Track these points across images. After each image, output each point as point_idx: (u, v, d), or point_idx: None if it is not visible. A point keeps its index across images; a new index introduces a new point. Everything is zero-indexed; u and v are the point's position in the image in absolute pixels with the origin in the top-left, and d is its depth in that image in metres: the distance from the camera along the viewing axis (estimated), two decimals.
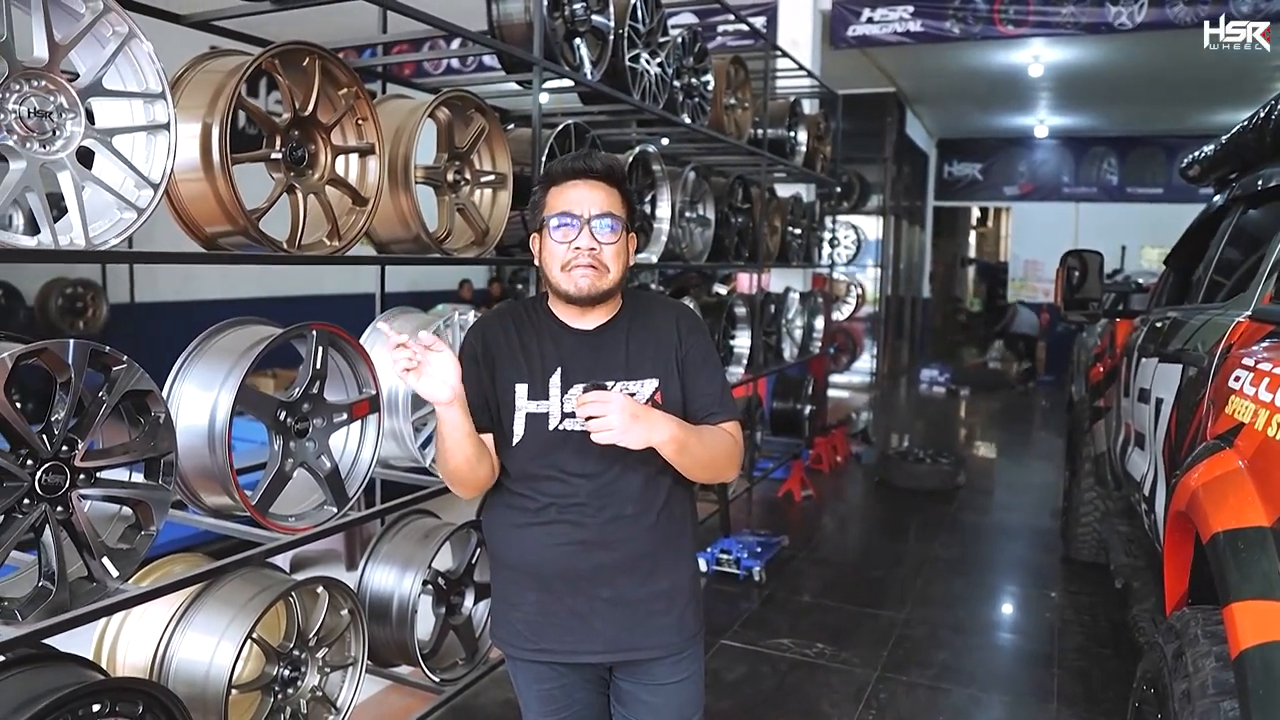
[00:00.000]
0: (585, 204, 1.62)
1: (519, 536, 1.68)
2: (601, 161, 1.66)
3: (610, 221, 1.62)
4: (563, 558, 1.64)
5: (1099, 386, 4.21)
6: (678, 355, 1.69)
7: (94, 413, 1.67)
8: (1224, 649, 1.45)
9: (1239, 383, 1.71)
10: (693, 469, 1.64)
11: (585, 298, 1.63)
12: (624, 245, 1.66)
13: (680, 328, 1.72)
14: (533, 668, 1.74)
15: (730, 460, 1.70)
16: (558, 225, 1.62)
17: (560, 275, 1.63)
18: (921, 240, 14.22)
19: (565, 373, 1.65)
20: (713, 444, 1.65)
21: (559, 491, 1.64)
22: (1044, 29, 6.41)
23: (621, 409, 1.47)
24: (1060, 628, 3.97)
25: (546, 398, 1.64)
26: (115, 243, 1.76)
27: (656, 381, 1.67)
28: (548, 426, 1.64)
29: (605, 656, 1.70)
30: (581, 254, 1.60)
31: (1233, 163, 2.85)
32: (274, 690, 2.21)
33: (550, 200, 1.65)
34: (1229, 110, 10.05)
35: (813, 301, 6.48)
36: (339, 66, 2.15)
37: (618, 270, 1.65)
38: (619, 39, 3.41)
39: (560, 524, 1.64)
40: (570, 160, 1.67)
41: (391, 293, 3.20)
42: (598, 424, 1.47)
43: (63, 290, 6.78)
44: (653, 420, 1.52)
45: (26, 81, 1.59)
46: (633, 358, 1.67)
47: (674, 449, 1.55)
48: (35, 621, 1.60)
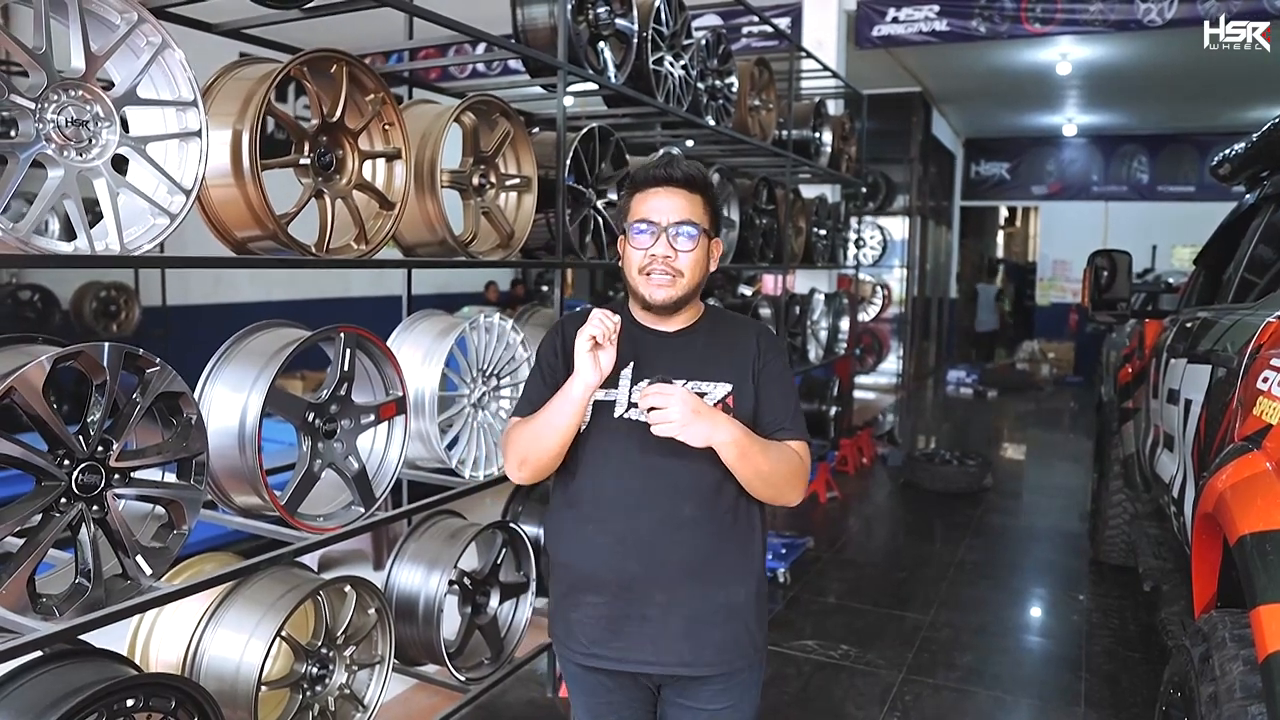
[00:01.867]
0: (665, 212, 1.63)
1: (576, 534, 1.68)
2: (683, 170, 1.66)
3: (689, 229, 1.63)
4: (616, 557, 1.63)
5: (1128, 387, 4.16)
6: (755, 367, 1.69)
7: (128, 414, 1.71)
8: (1251, 652, 1.44)
9: (1267, 384, 1.70)
10: (753, 480, 1.61)
11: (660, 306, 1.66)
12: (702, 253, 1.67)
13: (760, 343, 1.73)
14: (584, 677, 1.73)
15: (794, 479, 1.65)
16: (637, 232, 1.64)
17: (638, 280, 1.65)
18: (949, 240, 14.11)
19: (638, 366, 1.66)
20: (778, 458, 1.62)
21: (616, 486, 1.64)
22: (1072, 27, 6.34)
23: (684, 402, 1.48)
24: (1088, 631, 3.93)
25: (615, 386, 1.66)
26: (149, 248, 1.80)
27: (730, 386, 1.66)
28: (612, 414, 1.65)
29: (655, 668, 1.67)
30: (657, 261, 1.62)
31: (1264, 161, 2.81)
32: (302, 688, 2.24)
33: (633, 206, 1.67)
34: (1263, 107, 9.90)
35: (838, 302, 6.46)
36: (365, 73, 2.18)
37: (694, 278, 1.66)
38: (643, 42, 3.42)
39: (615, 521, 1.64)
40: (653, 168, 1.68)
41: (418, 295, 3.24)
42: (659, 415, 1.48)
43: (97, 294, 6.89)
44: (715, 420, 1.52)
45: (64, 91, 1.63)
46: (708, 361, 1.68)
47: (735, 452, 1.54)
48: (72, 618, 1.64)
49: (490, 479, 2.79)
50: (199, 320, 7.28)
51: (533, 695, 3.20)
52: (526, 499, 3.42)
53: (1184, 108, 11.11)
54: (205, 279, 7.60)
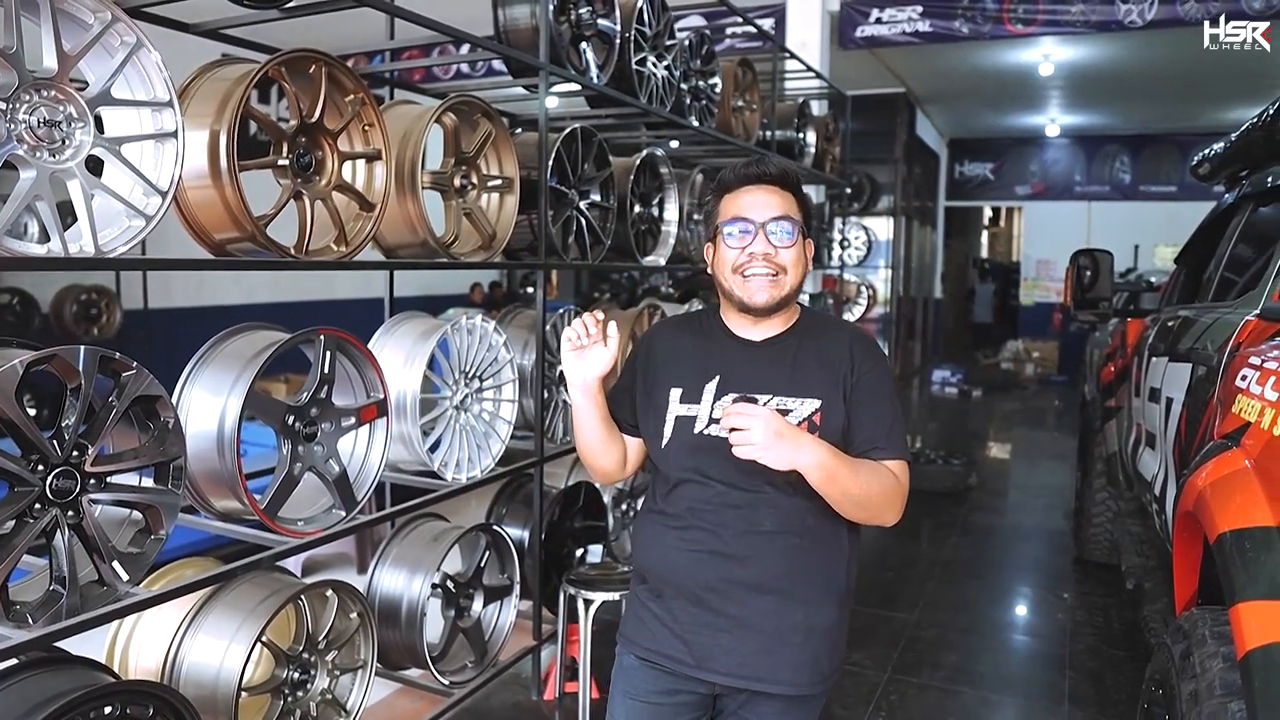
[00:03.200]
0: (761, 208, 1.58)
1: (658, 541, 1.65)
2: (775, 165, 1.62)
3: (788, 225, 1.57)
4: (694, 565, 1.58)
5: (1110, 386, 4.19)
6: (847, 381, 1.60)
7: (104, 418, 1.69)
8: (1231, 649, 1.44)
9: (1246, 381, 1.70)
10: (843, 503, 1.51)
11: (762, 309, 1.60)
12: (801, 250, 1.61)
13: (854, 352, 1.62)
14: (642, 671, 1.67)
15: (890, 501, 1.54)
16: (732, 231, 1.59)
17: (734, 280, 1.59)
18: (933, 241, 14.17)
19: (723, 380, 1.61)
20: (870, 480, 1.51)
21: (698, 497, 1.59)
22: (1054, 28, 6.37)
23: (766, 424, 1.39)
24: (1072, 629, 3.95)
25: (698, 402, 1.61)
26: (124, 250, 1.78)
27: (819, 403, 1.58)
28: (693, 430, 1.60)
29: (725, 679, 1.60)
30: (756, 259, 1.56)
31: (1242, 160, 2.83)
32: (284, 693, 2.23)
33: (724, 207, 1.62)
34: (1243, 107, 9.97)
35: (823, 303, 6.47)
36: (345, 73, 2.16)
37: (796, 276, 1.60)
38: (625, 42, 3.41)
39: (696, 530, 1.59)
40: (744, 166, 1.63)
41: (402, 296, 3.22)
42: (740, 437, 1.40)
43: (77, 297, 6.83)
44: (800, 442, 1.43)
45: (36, 91, 1.61)
46: (797, 374, 1.60)
47: (821, 476, 1.45)
48: (47, 625, 1.62)
49: (473, 481, 2.78)
50: (181, 323, 7.22)
51: (518, 698, 3.18)
52: (511, 501, 3.41)
53: (1165, 108, 11.19)
54: (188, 281, 7.55)
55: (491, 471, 2.88)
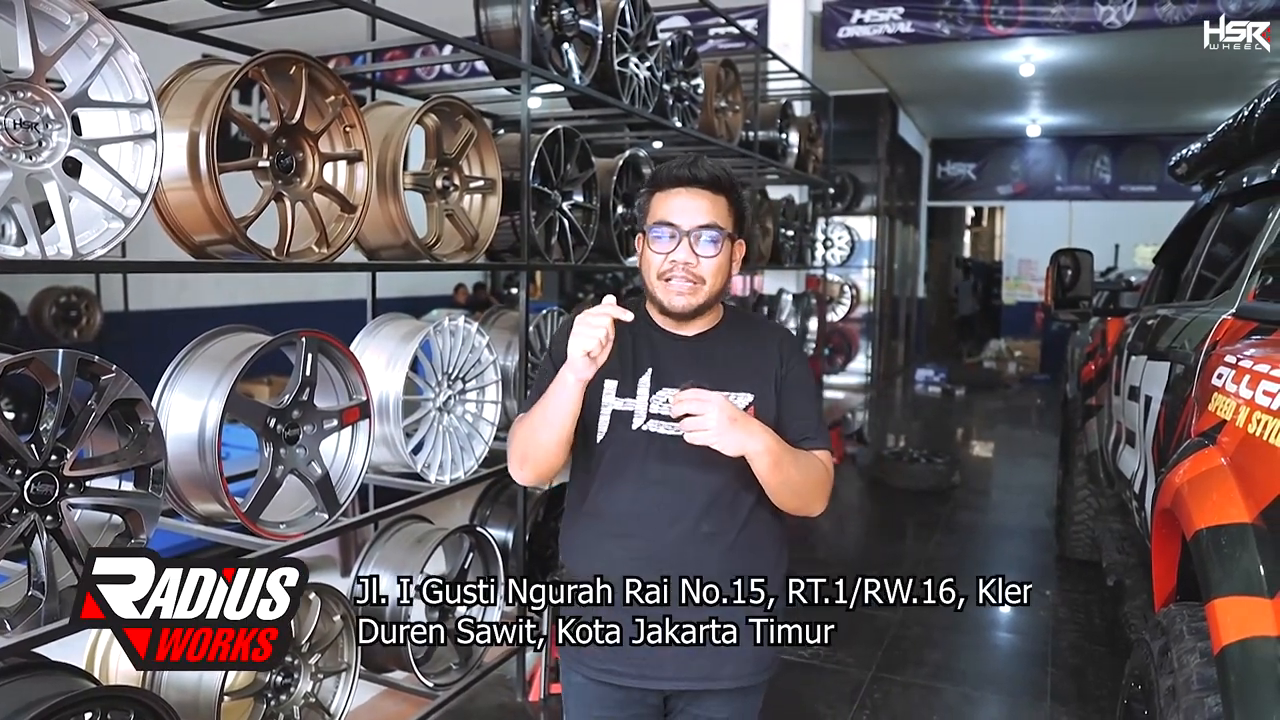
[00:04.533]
0: (688, 214, 1.56)
1: (594, 547, 1.64)
2: (707, 169, 1.59)
3: (712, 234, 1.57)
4: (636, 571, 1.58)
5: (1091, 385, 4.22)
6: (777, 375, 1.64)
7: (83, 422, 1.68)
8: (1208, 645, 1.45)
9: (1221, 380, 1.72)
10: (781, 491, 1.56)
11: (679, 314, 1.61)
12: (726, 258, 1.60)
13: (783, 349, 1.67)
14: (592, 689, 1.68)
15: (820, 490, 1.61)
16: (657, 235, 1.58)
17: (656, 284, 1.60)
18: (916, 240, 14.24)
19: (656, 374, 1.61)
20: (806, 468, 1.58)
21: (633, 500, 1.60)
22: (1034, 29, 6.43)
23: (720, 410, 1.41)
24: (1055, 626, 3.98)
25: (633, 396, 1.61)
26: (103, 252, 1.77)
27: (751, 397, 1.61)
28: (630, 425, 1.60)
29: (674, 683, 1.63)
30: (678, 267, 1.56)
31: (1219, 160, 2.86)
32: (266, 697, 2.22)
33: (654, 206, 1.61)
34: (1221, 107, 10.05)
35: (806, 303, 6.49)
36: (325, 74, 2.15)
37: (716, 285, 1.60)
38: (608, 43, 3.41)
39: (634, 538, 1.60)
40: (676, 167, 1.61)
41: (386, 298, 3.21)
42: (694, 423, 1.41)
43: (56, 299, 6.78)
44: (751, 428, 1.46)
45: (12, 93, 1.60)
46: (728, 369, 1.62)
47: (769, 462, 1.48)
48: (25, 630, 1.61)
49: (457, 483, 2.78)
50: (163, 325, 7.16)
51: (502, 700, 3.18)
52: (494, 502, 3.40)
53: (1145, 109, 11.29)
54: (169, 283, 7.49)
55: (475, 473, 2.87)
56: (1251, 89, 3.06)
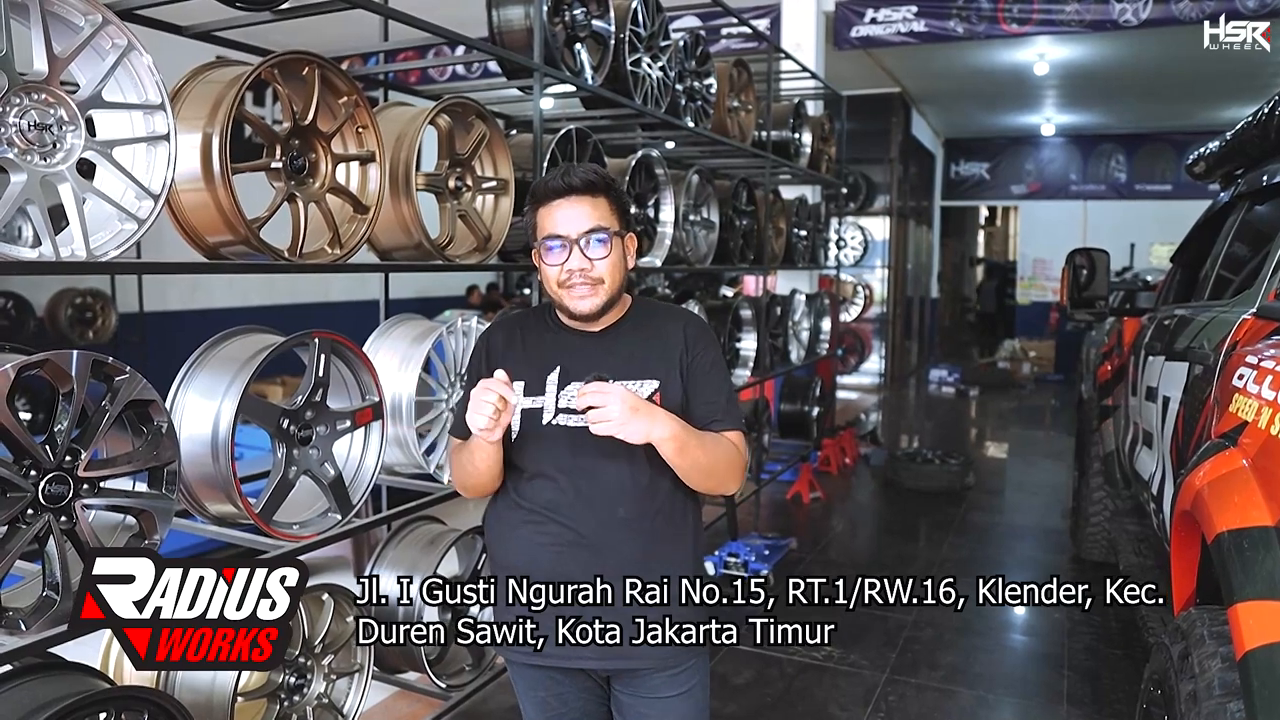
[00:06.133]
0: (572, 222, 1.61)
1: (513, 536, 1.69)
2: (580, 176, 1.64)
3: (600, 235, 1.62)
4: (553, 559, 1.63)
5: (1107, 385, 4.18)
6: (683, 361, 1.68)
7: (97, 423, 1.68)
8: (1229, 650, 1.44)
9: (1242, 380, 1.70)
10: (692, 473, 1.62)
11: (587, 316, 1.65)
12: (619, 255, 1.66)
13: (688, 334, 1.71)
14: (528, 673, 1.74)
15: (731, 470, 1.66)
16: (552, 246, 1.62)
17: (559, 293, 1.65)
18: (929, 240, 14.18)
19: (564, 370, 1.66)
20: (714, 449, 1.63)
21: (551, 490, 1.64)
22: (1048, 27, 6.38)
23: (622, 400, 1.47)
24: (1070, 628, 3.94)
25: (542, 393, 1.66)
26: (116, 254, 1.77)
27: (656, 383, 1.66)
28: (541, 421, 1.65)
29: (597, 664, 1.69)
30: (575, 274, 1.61)
31: (1238, 159, 2.83)
32: (280, 697, 2.22)
33: (540, 222, 1.65)
34: (1238, 105, 9.99)
35: (819, 303, 6.47)
36: (338, 75, 2.15)
37: (615, 281, 1.65)
38: (620, 43, 3.41)
39: (552, 524, 1.64)
40: (549, 180, 1.66)
41: (399, 299, 3.21)
42: (597, 414, 1.47)
43: (72, 300, 6.82)
44: (654, 416, 1.52)
45: (26, 94, 1.60)
46: (634, 358, 1.67)
47: (674, 447, 1.54)
48: (40, 631, 1.61)
49: None
50: (177, 326, 7.21)
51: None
52: None
53: (1161, 107, 11.21)
54: (183, 285, 7.53)
55: None
56: (1270, 87, 3.03)
